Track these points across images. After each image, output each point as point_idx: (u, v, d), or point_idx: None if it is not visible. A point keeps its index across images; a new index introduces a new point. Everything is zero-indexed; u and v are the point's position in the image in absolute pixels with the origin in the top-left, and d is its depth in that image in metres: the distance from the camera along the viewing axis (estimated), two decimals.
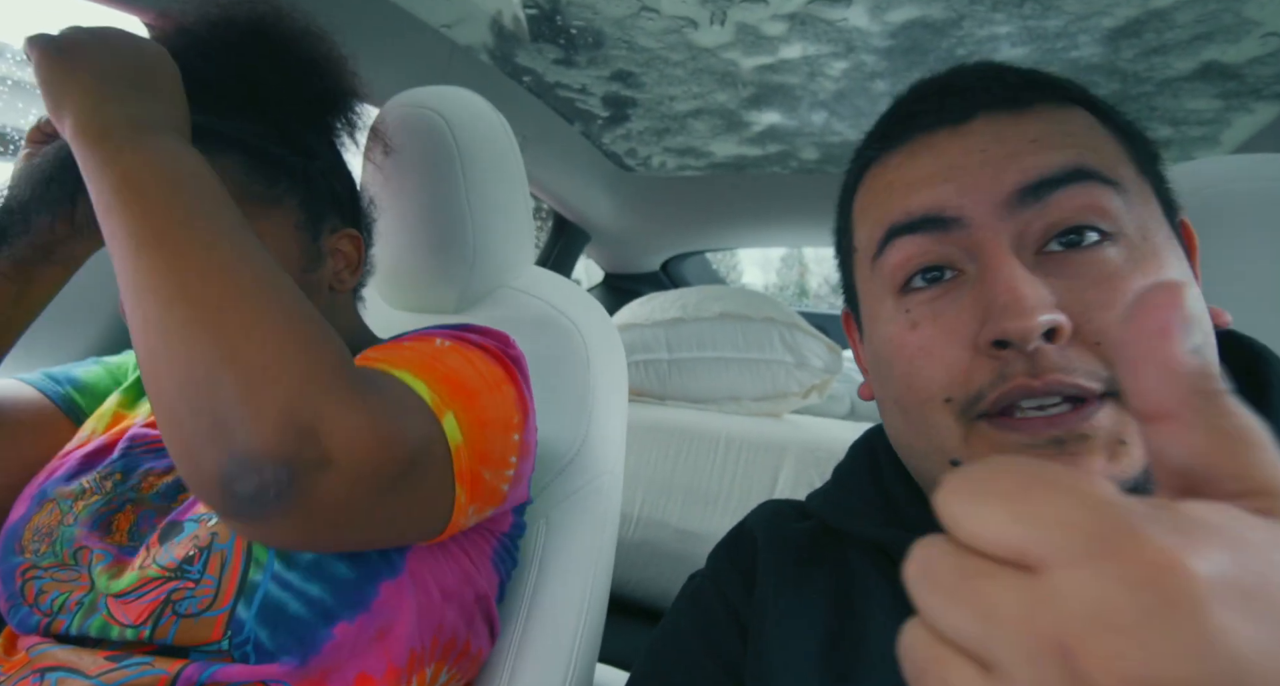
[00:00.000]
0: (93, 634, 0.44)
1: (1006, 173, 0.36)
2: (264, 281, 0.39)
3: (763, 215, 1.79)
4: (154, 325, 0.36)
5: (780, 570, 0.46)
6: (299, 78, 0.54)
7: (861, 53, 1.05)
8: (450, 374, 0.47)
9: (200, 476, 0.35)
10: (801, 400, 1.36)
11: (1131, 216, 0.35)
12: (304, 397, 0.36)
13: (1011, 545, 0.15)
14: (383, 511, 0.40)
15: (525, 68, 1.20)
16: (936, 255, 0.37)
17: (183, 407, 0.35)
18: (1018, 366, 0.33)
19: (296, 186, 0.55)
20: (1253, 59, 0.97)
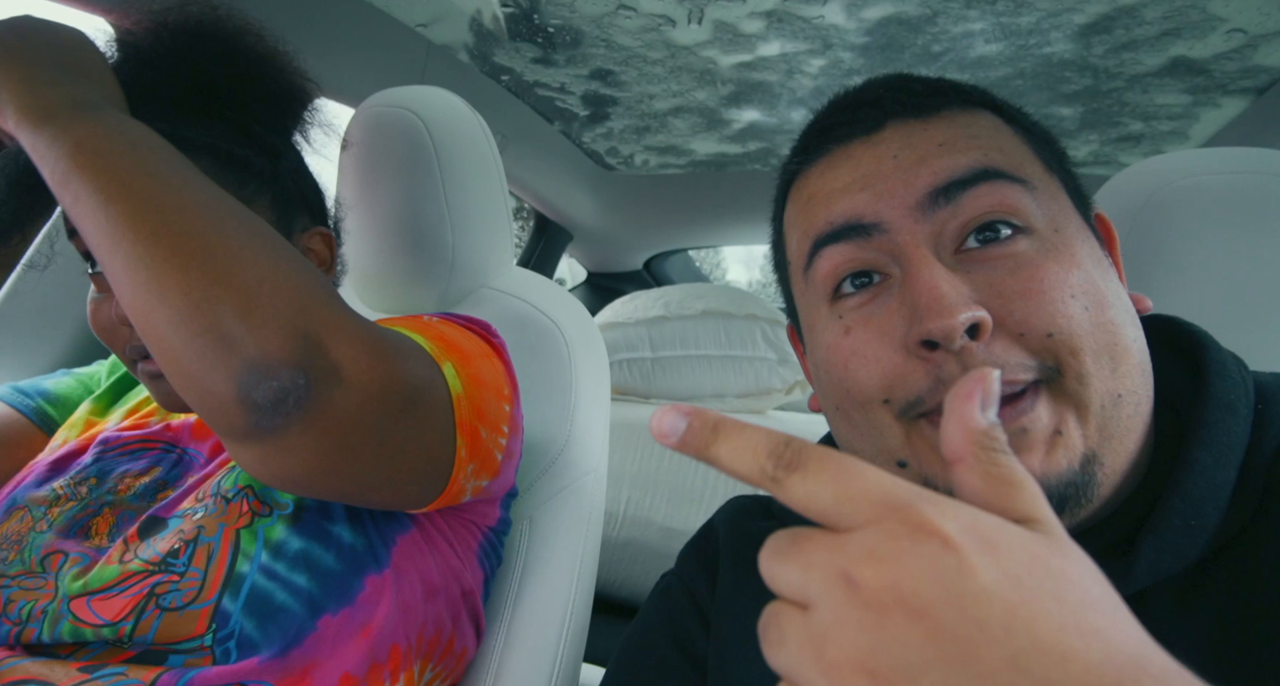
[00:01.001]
0: (66, 639, 0.43)
1: (918, 176, 0.37)
2: (240, 213, 0.39)
3: (744, 212, 1.80)
4: (139, 263, 0.36)
5: (739, 567, 0.47)
6: (244, 76, 0.54)
7: (839, 50, 1.06)
8: (444, 336, 0.48)
9: (215, 398, 0.35)
10: (785, 396, 1.37)
11: (1042, 211, 0.37)
12: (306, 310, 0.37)
13: (830, 516, 0.22)
14: (392, 442, 0.41)
15: (503, 67, 1.19)
16: (862, 261, 0.39)
17: (183, 333, 0.35)
18: (950, 368, 0.34)
19: (265, 186, 0.54)
20: (1219, 54, 0.99)
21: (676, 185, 1.69)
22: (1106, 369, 0.34)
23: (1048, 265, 0.35)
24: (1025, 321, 0.34)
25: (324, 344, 0.36)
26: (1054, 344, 0.34)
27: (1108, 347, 0.34)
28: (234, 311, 0.35)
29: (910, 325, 0.35)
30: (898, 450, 0.37)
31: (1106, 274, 0.37)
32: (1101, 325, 0.34)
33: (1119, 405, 0.34)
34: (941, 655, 0.19)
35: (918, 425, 0.36)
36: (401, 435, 0.41)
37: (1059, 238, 0.36)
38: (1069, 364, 0.34)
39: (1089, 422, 0.34)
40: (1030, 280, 0.35)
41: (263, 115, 0.56)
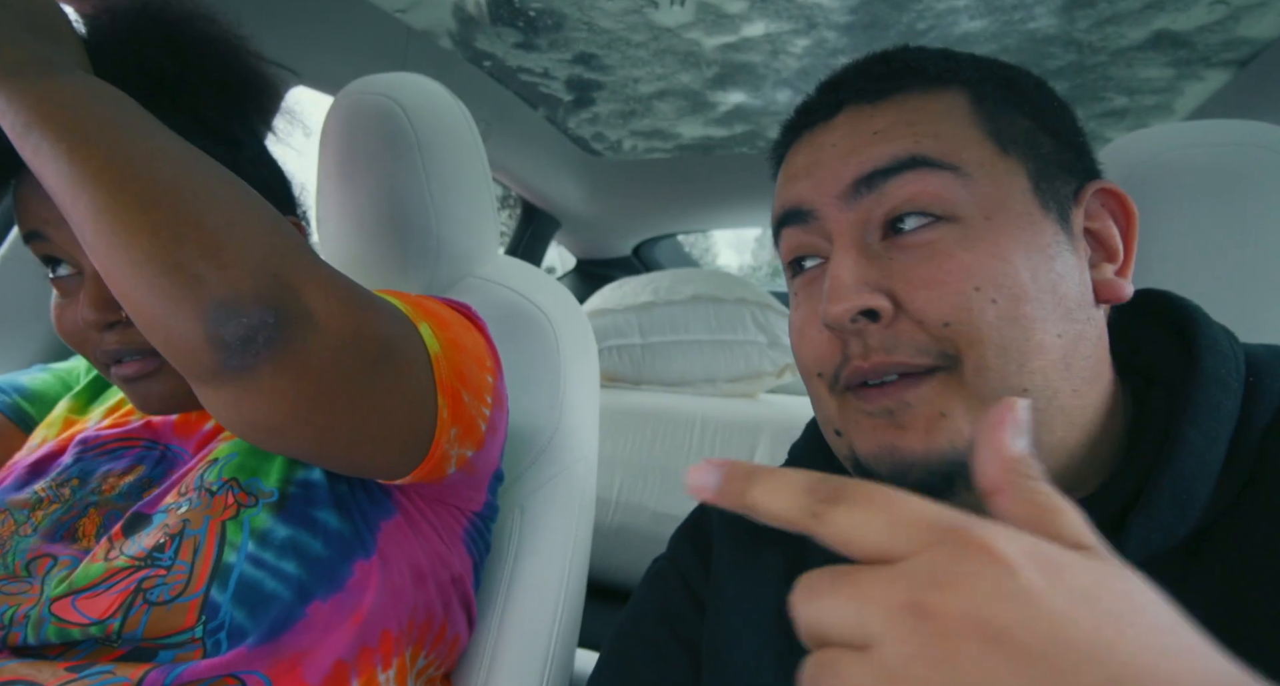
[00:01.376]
0: (53, 640, 0.43)
1: (846, 166, 0.39)
2: (214, 164, 0.38)
3: (733, 196, 1.79)
4: (104, 210, 0.35)
5: (734, 548, 0.47)
6: (194, 63, 0.52)
7: (823, 29, 1.05)
8: (421, 303, 0.48)
9: (183, 338, 0.35)
10: (776, 379, 1.38)
11: (973, 198, 0.37)
12: (276, 253, 0.36)
13: (880, 546, 0.21)
14: (368, 394, 0.40)
15: (485, 52, 1.17)
16: (806, 245, 0.42)
17: (149, 272, 0.34)
18: (854, 348, 0.37)
19: None
20: (1201, 27, 0.99)
21: (663, 170, 1.68)
22: (1012, 364, 0.35)
23: (959, 255, 0.36)
24: (923, 310, 0.36)
25: (295, 286, 0.36)
26: (951, 333, 0.35)
27: (1014, 343, 0.35)
28: (201, 249, 0.34)
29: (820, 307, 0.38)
30: (834, 419, 0.40)
31: (1047, 264, 0.36)
32: (1011, 320, 0.35)
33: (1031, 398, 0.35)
34: (1031, 682, 0.17)
35: (845, 398, 0.39)
36: (378, 387, 0.41)
37: (988, 225, 0.36)
38: (966, 355, 0.35)
39: (980, 411, 0.35)
40: (936, 270, 0.36)
41: (218, 103, 0.54)
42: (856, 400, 0.38)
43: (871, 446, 0.37)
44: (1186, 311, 0.40)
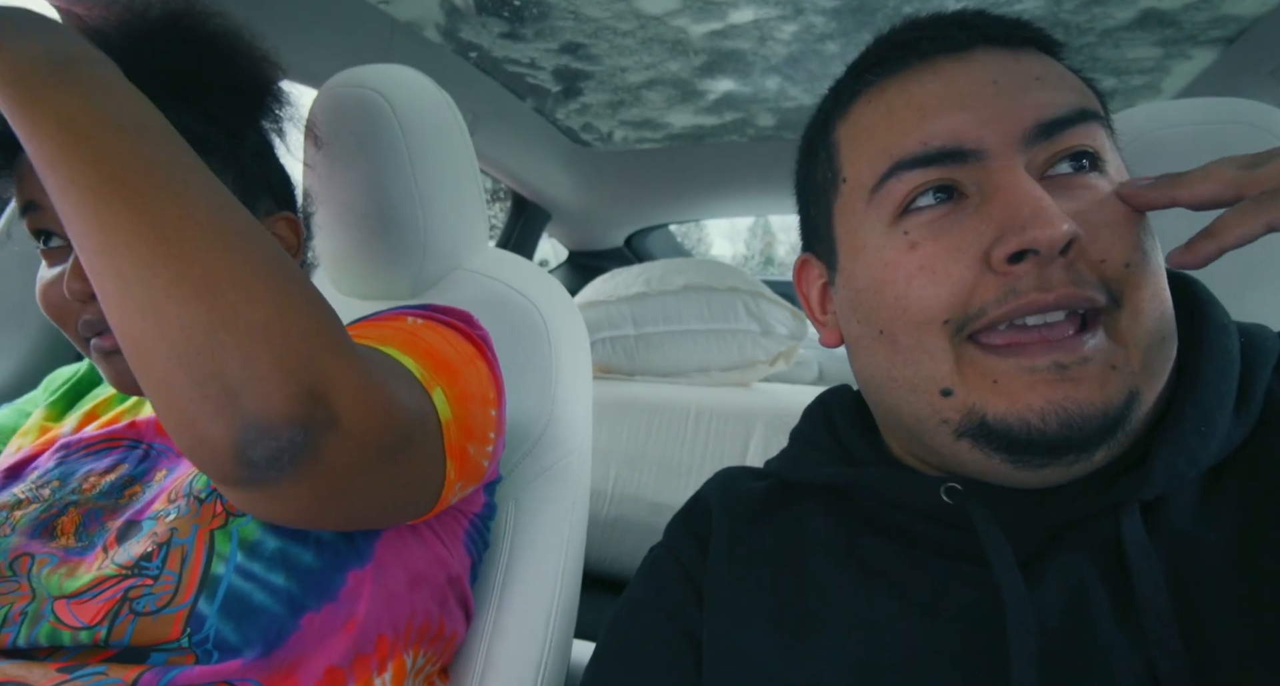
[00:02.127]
0: (43, 642, 0.42)
1: (1023, 107, 0.36)
2: (247, 231, 0.35)
3: (724, 185, 1.79)
4: (136, 287, 0.33)
5: (733, 531, 0.47)
6: (217, 68, 0.52)
7: (810, 14, 1.04)
8: (431, 350, 0.47)
9: (209, 448, 0.33)
10: (769, 368, 1.38)
11: (1113, 156, 0.38)
12: (310, 357, 0.34)
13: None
14: (383, 480, 0.40)
15: (471, 43, 1.16)
16: (940, 179, 0.37)
17: (182, 377, 0.32)
18: (1028, 281, 0.34)
19: (227, 165, 0.53)
20: (1188, 5, 0.98)
21: (654, 160, 1.67)
22: (1159, 310, 0.36)
23: (1119, 204, 0.36)
24: (1110, 248, 0.35)
25: (327, 396, 0.34)
26: (1128, 275, 0.35)
27: (1161, 290, 0.36)
28: (239, 358, 0.32)
29: (999, 237, 0.34)
30: (945, 377, 0.37)
31: None
32: (1157, 267, 0.36)
33: (1163, 346, 0.36)
34: None
35: (967, 350, 0.36)
36: (393, 472, 0.41)
37: (1119, 180, 0.38)
38: (1130, 298, 0.35)
39: (1136, 360, 0.35)
40: (1115, 212, 0.36)
41: (226, 100, 0.54)
42: (987, 356, 0.35)
43: (1037, 402, 0.34)
44: (1180, 278, 0.42)
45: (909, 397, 0.39)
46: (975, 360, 0.36)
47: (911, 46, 0.40)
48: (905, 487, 0.41)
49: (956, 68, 0.38)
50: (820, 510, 0.45)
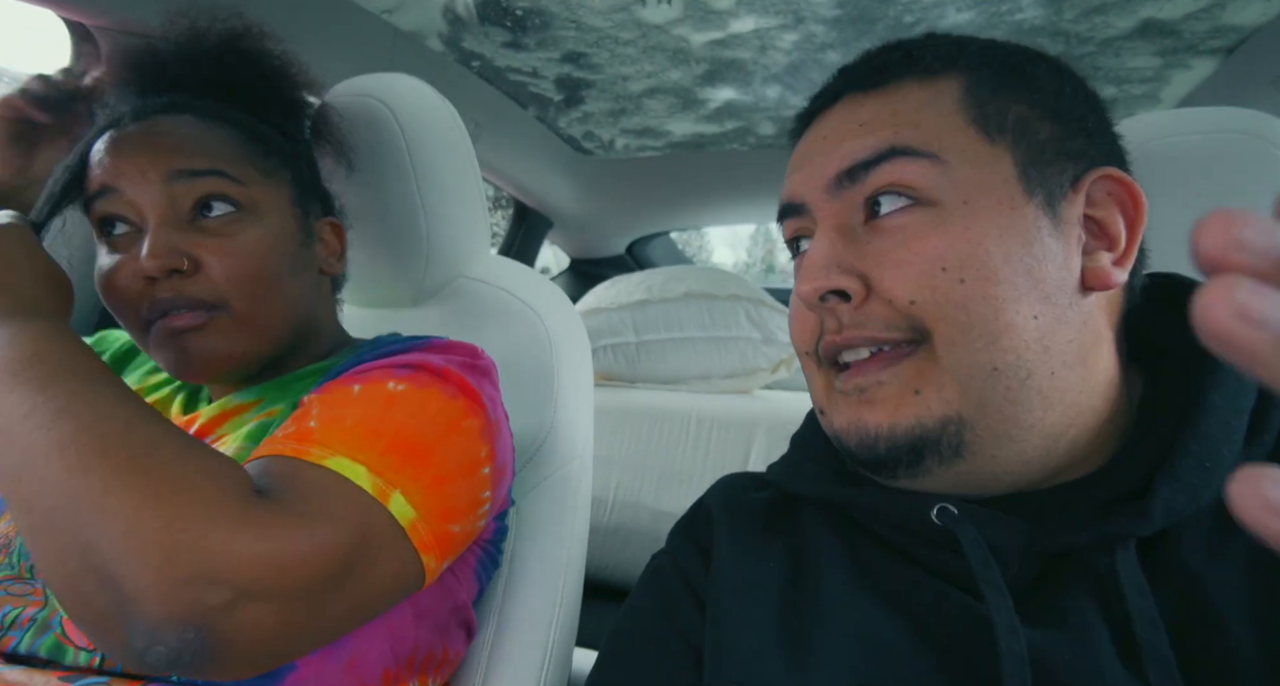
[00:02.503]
0: (42, 654, 0.42)
1: (831, 159, 0.40)
2: (111, 438, 0.36)
3: (725, 193, 1.79)
4: (24, 525, 0.36)
5: (736, 540, 0.47)
6: (271, 83, 0.58)
7: (810, 23, 1.05)
8: (398, 437, 0.45)
9: (115, 654, 0.35)
10: (771, 375, 1.38)
11: (951, 184, 0.37)
12: (182, 546, 0.34)
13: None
14: (335, 611, 0.40)
15: (473, 52, 1.17)
16: (800, 228, 0.44)
17: (74, 597, 0.35)
18: (829, 324, 0.40)
19: (286, 164, 0.57)
20: (1188, 15, 0.99)
21: (655, 168, 1.68)
22: (979, 342, 0.35)
23: (930, 237, 0.37)
24: (891, 289, 0.37)
25: (215, 578, 0.34)
26: (917, 311, 0.36)
27: (981, 321, 0.35)
28: (113, 566, 0.33)
29: None
30: (820, 399, 0.43)
31: (1024, 248, 0.36)
32: (980, 299, 0.35)
33: (994, 378, 0.36)
34: None
35: (828, 377, 0.42)
36: (345, 601, 0.40)
37: (964, 209, 0.37)
38: (935, 330, 0.36)
39: (950, 388, 0.36)
40: (906, 252, 0.37)
41: (280, 109, 0.59)
42: (835, 378, 0.41)
43: (842, 422, 0.40)
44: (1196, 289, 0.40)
45: (818, 415, 0.44)
46: (830, 383, 0.41)
47: (813, 102, 0.45)
48: (896, 508, 0.41)
49: (817, 126, 0.43)
50: (823, 523, 0.45)
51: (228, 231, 0.51)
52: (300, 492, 0.40)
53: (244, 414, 0.54)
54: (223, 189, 0.51)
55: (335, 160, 0.65)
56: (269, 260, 0.52)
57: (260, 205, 0.53)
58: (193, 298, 0.49)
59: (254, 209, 0.52)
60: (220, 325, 0.50)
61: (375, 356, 0.53)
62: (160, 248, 0.48)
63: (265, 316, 0.52)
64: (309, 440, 0.43)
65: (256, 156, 0.54)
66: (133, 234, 0.50)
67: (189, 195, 0.50)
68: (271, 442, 0.44)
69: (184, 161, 0.50)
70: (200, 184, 0.50)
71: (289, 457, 0.42)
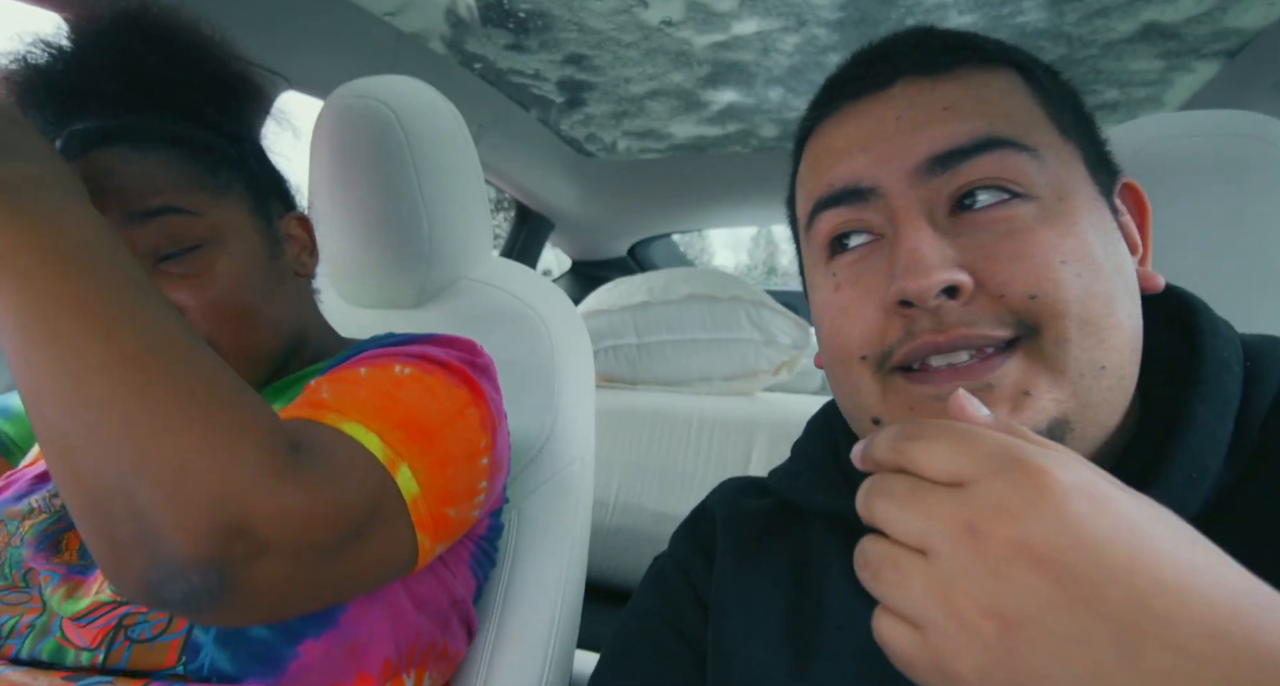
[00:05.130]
0: (44, 658, 0.42)
1: (918, 141, 0.37)
2: (174, 365, 0.35)
3: (727, 195, 1.79)
4: (57, 433, 0.33)
5: (738, 547, 0.46)
6: (186, 65, 0.52)
7: (813, 26, 1.05)
8: (407, 415, 0.44)
9: (124, 585, 0.34)
10: (772, 377, 1.37)
11: (1046, 179, 0.36)
12: (230, 493, 0.33)
13: (949, 471, 0.24)
14: (331, 576, 0.39)
15: (476, 55, 1.17)
16: (857, 221, 0.39)
17: (95, 518, 0.33)
18: (924, 323, 0.35)
19: (236, 173, 0.54)
20: (1190, 18, 0.99)
21: (657, 170, 1.68)
22: (1092, 338, 0.34)
23: (1042, 230, 0.35)
24: (1008, 283, 0.34)
25: (251, 528, 0.34)
26: (1036, 306, 0.34)
27: (1096, 317, 0.34)
28: (151, 502, 0.32)
29: (891, 283, 0.36)
30: (873, 407, 0.38)
31: (1112, 246, 0.36)
32: (1094, 294, 0.34)
33: (1101, 376, 0.34)
34: (1067, 598, 0.21)
35: (892, 380, 0.37)
36: (343, 568, 0.40)
37: (1062, 205, 0.36)
38: (1049, 327, 0.34)
39: (1063, 387, 0.34)
40: (1021, 243, 0.34)
41: (212, 103, 0.54)
42: (916, 385, 0.36)
43: None
44: (1185, 299, 0.40)
45: (857, 425, 0.41)
46: (899, 389, 0.37)
47: (841, 89, 0.41)
48: None
49: (872, 107, 0.39)
50: (824, 531, 0.44)
51: (194, 269, 0.49)
52: (324, 452, 0.39)
53: None
54: (178, 228, 0.48)
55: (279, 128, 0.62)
56: (244, 288, 0.51)
57: (221, 231, 0.51)
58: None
59: (217, 238, 0.50)
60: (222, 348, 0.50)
61: (378, 347, 0.53)
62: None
63: (252, 345, 0.52)
64: (323, 407, 0.43)
65: (204, 176, 0.51)
66: None
67: (146, 239, 0.48)
68: (286, 412, 0.44)
69: (135, 202, 0.47)
70: (155, 225, 0.48)
71: (307, 420, 0.42)
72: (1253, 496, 0.34)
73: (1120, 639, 0.20)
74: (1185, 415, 0.35)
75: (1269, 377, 0.36)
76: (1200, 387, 0.35)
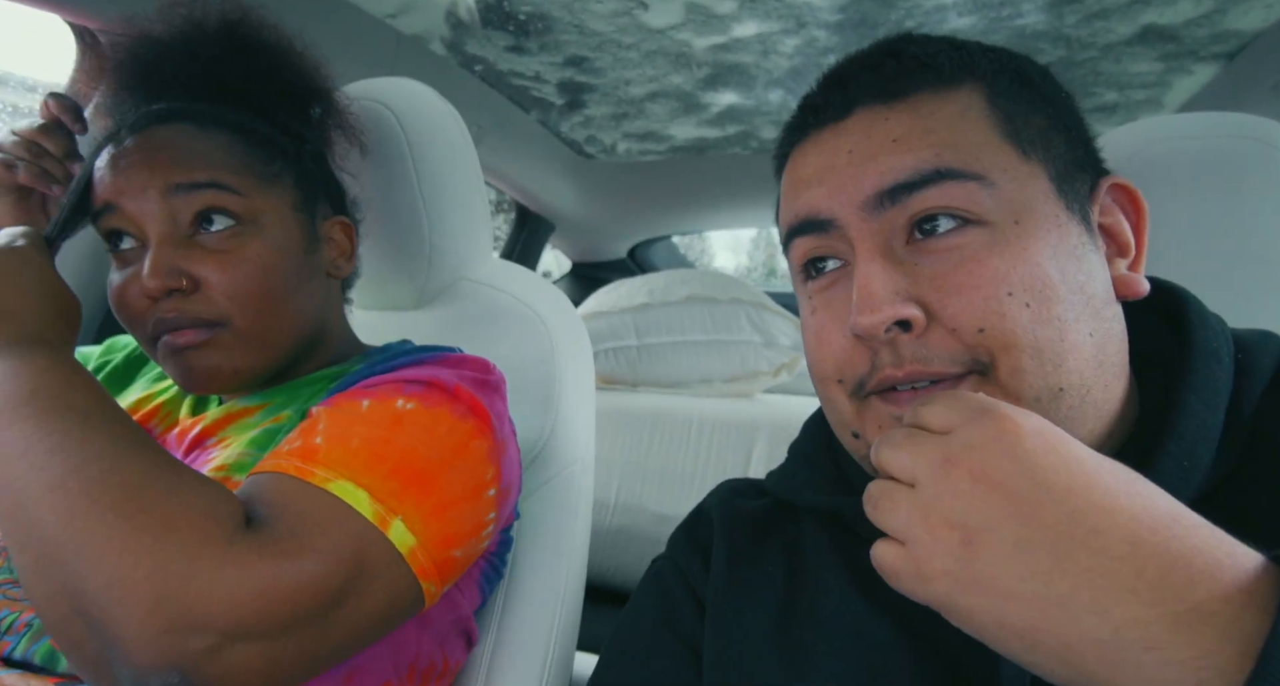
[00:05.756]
0: (37, 662, 0.42)
1: (866, 176, 0.38)
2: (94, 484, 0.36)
3: (726, 197, 1.79)
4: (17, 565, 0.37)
5: (734, 548, 0.47)
6: (271, 74, 0.55)
7: (812, 28, 1.05)
8: (403, 461, 0.44)
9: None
10: (772, 379, 1.38)
11: (999, 204, 0.36)
12: (166, 593, 0.34)
13: (941, 422, 0.30)
14: (325, 643, 0.39)
15: (476, 57, 1.18)
16: (825, 248, 0.40)
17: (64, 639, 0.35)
18: (885, 357, 0.37)
19: (289, 166, 0.55)
20: (1189, 20, 0.99)
21: (657, 171, 1.68)
22: (1047, 365, 0.35)
23: (990, 260, 0.35)
24: (957, 317, 0.35)
25: (199, 621, 0.34)
26: (985, 339, 0.35)
27: (1049, 344, 0.35)
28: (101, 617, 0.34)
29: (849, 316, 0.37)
30: (851, 421, 0.40)
31: (1075, 264, 0.36)
32: (1045, 322, 0.35)
33: (1059, 399, 0.35)
34: (1015, 513, 0.26)
35: (867, 402, 0.39)
36: (339, 629, 0.40)
37: (1016, 229, 0.36)
38: (1001, 359, 0.35)
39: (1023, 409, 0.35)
40: (968, 275, 0.35)
41: (285, 106, 0.57)
42: (884, 404, 0.38)
43: None
44: (1175, 294, 0.40)
45: (839, 435, 0.43)
46: (873, 408, 0.38)
47: (808, 115, 0.42)
48: None
49: (832, 139, 0.40)
50: (820, 531, 0.45)
51: (228, 246, 0.50)
52: (293, 522, 0.39)
53: (249, 417, 0.53)
54: (222, 202, 0.50)
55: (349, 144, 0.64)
56: (271, 274, 0.51)
57: (261, 216, 0.52)
58: (195, 316, 0.49)
59: (255, 220, 0.51)
60: (223, 342, 0.50)
61: (386, 368, 0.52)
62: (159, 268, 0.47)
63: (269, 331, 0.52)
64: (314, 459, 0.43)
65: (257, 163, 0.53)
66: (139, 248, 0.50)
67: (188, 209, 0.49)
68: (276, 457, 0.44)
69: (182, 174, 0.49)
70: (199, 197, 0.49)
71: (291, 477, 0.42)
72: (1245, 486, 0.34)
73: (1055, 545, 0.25)
74: (1176, 404, 0.35)
75: (1259, 369, 0.37)
76: (1190, 377, 0.36)
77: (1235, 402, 0.36)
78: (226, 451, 0.50)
